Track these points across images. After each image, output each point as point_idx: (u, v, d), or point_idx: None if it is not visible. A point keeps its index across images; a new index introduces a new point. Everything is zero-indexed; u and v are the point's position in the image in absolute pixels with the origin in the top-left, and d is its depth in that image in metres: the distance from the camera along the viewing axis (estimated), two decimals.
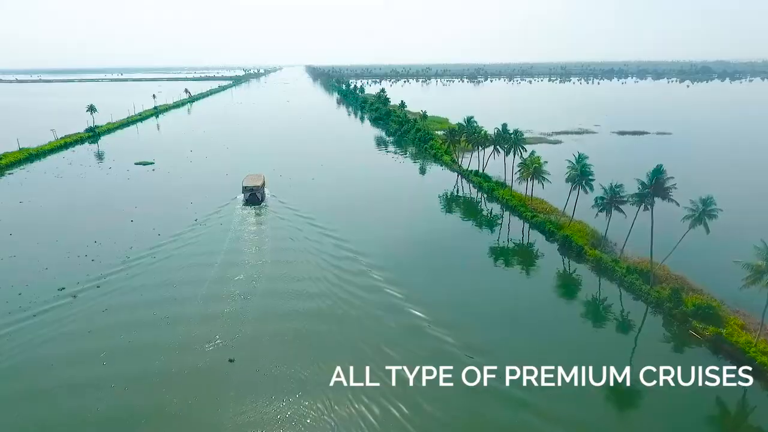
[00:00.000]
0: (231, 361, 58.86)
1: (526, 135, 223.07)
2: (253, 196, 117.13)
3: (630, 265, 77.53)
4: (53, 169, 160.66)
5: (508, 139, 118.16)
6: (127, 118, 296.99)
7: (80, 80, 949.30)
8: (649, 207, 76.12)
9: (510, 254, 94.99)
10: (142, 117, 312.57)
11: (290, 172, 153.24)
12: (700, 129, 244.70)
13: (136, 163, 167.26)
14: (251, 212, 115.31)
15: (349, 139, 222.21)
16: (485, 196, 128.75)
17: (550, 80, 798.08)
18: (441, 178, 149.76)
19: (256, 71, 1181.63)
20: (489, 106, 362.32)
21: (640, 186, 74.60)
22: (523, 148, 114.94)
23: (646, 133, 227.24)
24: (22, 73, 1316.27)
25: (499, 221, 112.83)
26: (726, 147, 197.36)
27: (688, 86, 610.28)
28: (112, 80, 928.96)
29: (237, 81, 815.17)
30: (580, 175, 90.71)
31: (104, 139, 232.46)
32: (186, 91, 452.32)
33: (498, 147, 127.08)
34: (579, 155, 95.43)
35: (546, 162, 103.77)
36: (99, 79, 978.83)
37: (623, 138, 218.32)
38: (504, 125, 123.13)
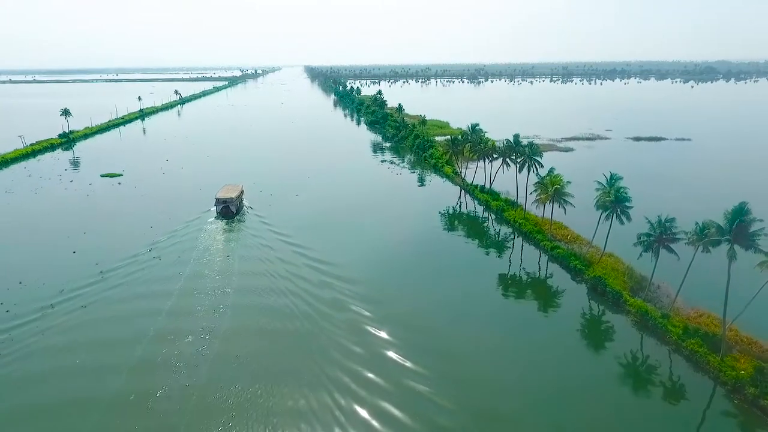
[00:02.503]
0: None
1: (533, 141, 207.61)
2: (226, 209, 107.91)
3: (688, 325, 60.26)
4: (7, 182, 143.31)
5: (521, 153, 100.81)
6: (109, 121, 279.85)
7: (74, 81, 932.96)
8: (709, 249, 58.88)
9: (522, 288, 79.11)
10: (125, 120, 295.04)
11: (273, 185, 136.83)
12: (721, 134, 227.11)
13: (103, 175, 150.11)
14: (221, 228, 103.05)
15: (342, 146, 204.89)
16: (493, 216, 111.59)
17: (551, 81, 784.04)
18: (442, 193, 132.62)
19: (253, 72, 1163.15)
20: (491, 109, 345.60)
21: (716, 228, 56.38)
22: (538, 163, 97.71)
23: (664, 139, 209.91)
24: (19, 74, 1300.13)
25: (509, 245, 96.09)
26: (759, 155, 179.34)
27: (692, 87, 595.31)
28: (106, 81, 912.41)
29: (233, 82, 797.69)
30: (615, 201, 73.45)
31: (80, 145, 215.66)
32: (176, 92, 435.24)
33: (508, 160, 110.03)
34: (611, 175, 78.33)
35: (569, 182, 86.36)
36: (93, 79, 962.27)
37: (639, 144, 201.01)
38: (516, 136, 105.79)
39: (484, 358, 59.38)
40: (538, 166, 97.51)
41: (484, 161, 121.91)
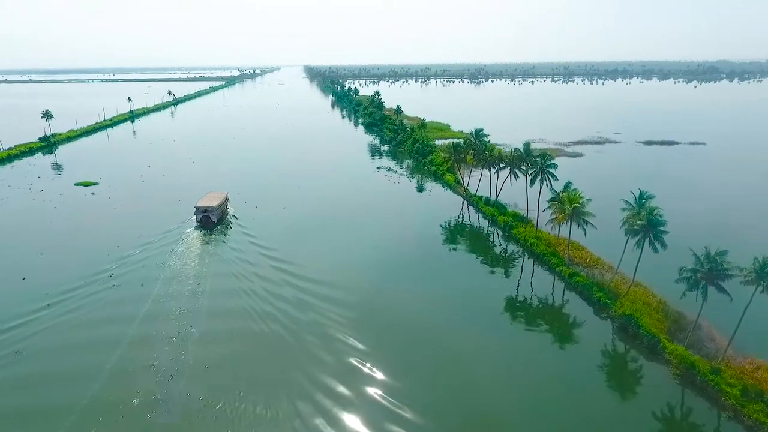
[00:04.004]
0: None
1: (539, 145, 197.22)
2: (206, 219, 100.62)
3: (747, 384, 49.26)
4: None
5: (533, 164, 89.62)
6: (96, 123, 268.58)
7: (70, 81, 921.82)
8: None
9: (533, 316, 69.48)
10: (113, 122, 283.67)
11: (259, 194, 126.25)
12: (735, 137, 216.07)
13: (77, 184, 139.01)
14: (197, 242, 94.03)
15: (338, 149, 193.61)
16: (499, 232, 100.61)
17: (552, 81, 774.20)
18: (443, 203, 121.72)
19: (251, 72, 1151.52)
20: (492, 110, 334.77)
21: None
22: (552, 176, 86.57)
23: (677, 143, 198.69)
24: (16, 73, 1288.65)
25: (517, 265, 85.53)
26: None
27: (695, 87, 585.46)
28: (102, 81, 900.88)
29: (230, 82, 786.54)
30: (648, 225, 62.45)
31: (62, 150, 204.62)
32: (169, 92, 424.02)
33: (517, 171, 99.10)
34: (641, 193, 67.43)
35: (589, 200, 75.19)
36: (89, 79, 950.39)
37: (651, 149, 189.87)
38: (526, 146, 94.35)
39: (491, 391, 52.24)
40: (551, 179, 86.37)
41: (489, 170, 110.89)
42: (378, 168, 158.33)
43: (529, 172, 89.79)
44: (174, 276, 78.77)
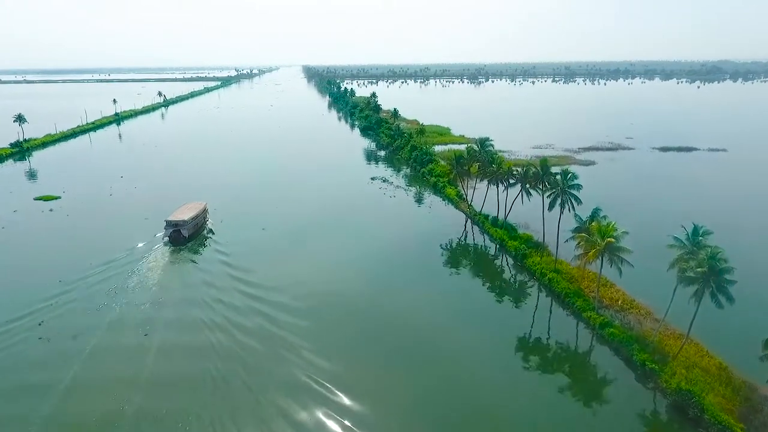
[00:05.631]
0: None
1: (547, 152, 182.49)
2: (177, 234, 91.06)
3: None
4: None
5: (552, 184, 75.39)
6: (77, 127, 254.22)
7: (64, 81, 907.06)
8: None
9: (549, 365, 56.65)
10: (95, 126, 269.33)
11: (238, 210, 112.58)
12: (757, 143, 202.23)
13: (36, 199, 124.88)
14: (157, 269, 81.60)
15: (330, 154, 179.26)
16: (509, 259, 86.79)
17: (554, 81, 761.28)
18: (443, 219, 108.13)
19: (248, 72, 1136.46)
20: (494, 111, 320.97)
21: None
22: (575, 198, 72.54)
23: (695, 149, 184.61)
24: (12, 73, 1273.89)
25: (531, 300, 72.20)
26: None
27: (698, 87, 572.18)
28: (98, 81, 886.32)
29: (226, 82, 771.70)
30: (709, 272, 48.47)
31: (37, 156, 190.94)
32: (159, 94, 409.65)
33: (530, 189, 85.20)
34: (694, 228, 53.62)
35: (625, 232, 61.04)
36: (85, 80, 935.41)
37: (668, 156, 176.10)
38: (543, 163, 79.33)
39: None
40: (574, 202, 72.36)
41: (497, 186, 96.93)
42: (372, 178, 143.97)
43: (547, 194, 75.30)
44: (119, 320, 65.23)
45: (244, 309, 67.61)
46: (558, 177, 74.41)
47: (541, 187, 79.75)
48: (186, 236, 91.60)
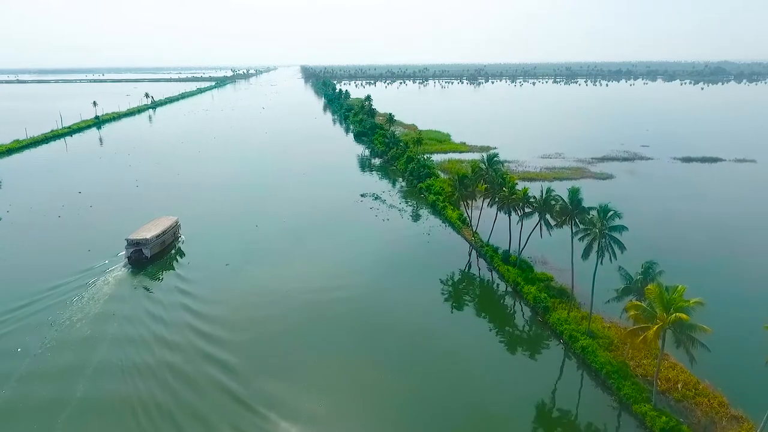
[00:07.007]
0: None
1: (557, 163, 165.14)
2: (138, 254, 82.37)
3: None
4: None
5: (587, 224, 57.95)
6: (51, 132, 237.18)
7: (57, 81, 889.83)
8: None
9: None
10: (71, 130, 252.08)
11: (212, 236, 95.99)
12: None
13: None
14: (104, 292, 71.83)
15: (321, 167, 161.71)
16: (524, 307, 69.93)
17: (555, 81, 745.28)
18: (443, 246, 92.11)
19: (244, 72, 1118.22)
20: (495, 114, 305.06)
21: None
22: (618, 244, 55.33)
23: (720, 159, 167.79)
24: (9, 73, 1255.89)
25: (552, 360, 55.69)
26: None
27: (702, 89, 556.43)
28: (91, 81, 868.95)
29: (221, 83, 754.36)
30: None
31: (2, 163, 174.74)
32: (147, 95, 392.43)
33: (550, 222, 68.40)
34: None
35: (700, 302, 44.01)
36: (77, 80, 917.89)
37: (691, 167, 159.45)
38: (573, 194, 60.82)
39: None
40: (617, 249, 55.20)
41: (509, 214, 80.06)
42: (362, 196, 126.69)
43: (580, 236, 57.85)
44: (35, 368, 49.78)
45: (192, 353, 55.98)
46: (594, 214, 57.18)
47: (570, 225, 62.32)
48: (148, 256, 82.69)
